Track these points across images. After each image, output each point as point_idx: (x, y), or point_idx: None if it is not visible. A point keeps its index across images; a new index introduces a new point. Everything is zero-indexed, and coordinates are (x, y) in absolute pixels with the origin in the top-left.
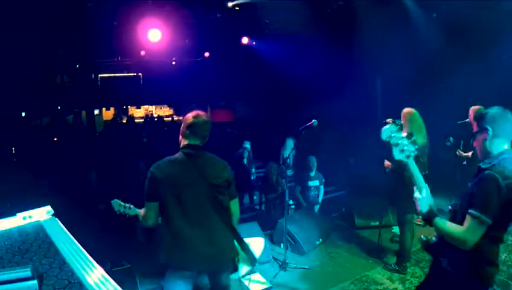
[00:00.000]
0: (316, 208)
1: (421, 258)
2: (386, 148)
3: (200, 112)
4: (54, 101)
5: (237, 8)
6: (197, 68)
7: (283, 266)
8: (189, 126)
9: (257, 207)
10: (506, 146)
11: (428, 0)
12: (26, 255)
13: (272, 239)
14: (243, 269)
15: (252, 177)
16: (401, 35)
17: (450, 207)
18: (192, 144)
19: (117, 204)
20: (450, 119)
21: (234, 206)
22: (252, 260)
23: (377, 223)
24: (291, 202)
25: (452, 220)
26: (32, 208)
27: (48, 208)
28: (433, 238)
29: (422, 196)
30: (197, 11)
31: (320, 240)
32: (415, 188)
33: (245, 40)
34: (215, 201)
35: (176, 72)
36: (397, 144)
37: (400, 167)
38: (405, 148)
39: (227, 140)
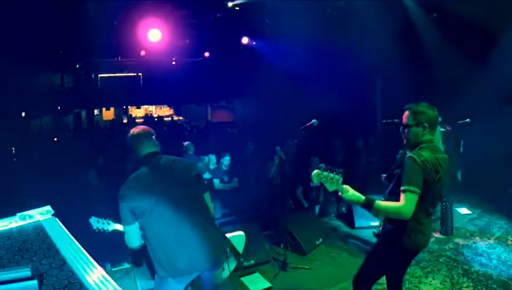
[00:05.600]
0: (317, 208)
1: (421, 258)
2: (386, 150)
3: (135, 128)
4: (54, 101)
5: (237, 8)
6: (197, 68)
7: (283, 266)
8: (133, 142)
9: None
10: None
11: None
12: (26, 255)
13: (272, 239)
14: (229, 264)
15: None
16: (401, 36)
17: (382, 198)
18: (148, 154)
19: (95, 221)
20: (450, 120)
21: (207, 199)
22: (235, 254)
23: (377, 223)
24: (290, 202)
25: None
26: (32, 208)
27: (48, 208)
28: (380, 229)
29: (346, 193)
30: (197, 11)
31: (320, 240)
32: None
33: (245, 40)
34: (193, 200)
35: (176, 72)
36: (327, 180)
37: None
38: (333, 180)
39: (227, 140)
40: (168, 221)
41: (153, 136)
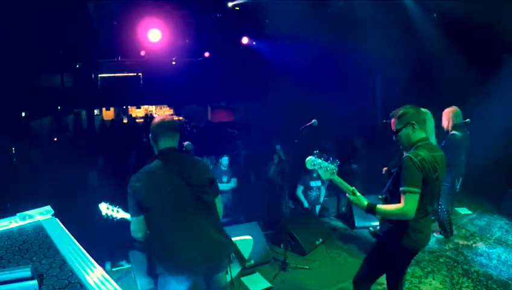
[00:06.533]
0: (317, 208)
1: (421, 258)
2: (386, 147)
3: (162, 115)
4: (54, 101)
5: (237, 8)
6: (197, 68)
7: (283, 266)
8: (157, 131)
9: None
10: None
11: (429, 0)
12: (26, 255)
13: (272, 239)
14: (233, 269)
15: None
16: (401, 36)
17: (380, 196)
18: (166, 148)
19: (104, 207)
20: None
21: (218, 203)
22: (241, 260)
23: (377, 223)
24: (290, 202)
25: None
26: (32, 208)
27: (48, 208)
28: (377, 228)
29: (355, 196)
30: (197, 11)
31: (320, 240)
32: (347, 195)
33: (245, 40)
34: (201, 202)
35: (176, 72)
36: (320, 167)
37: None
38: (328, 168)
39: (227, 140)
40: (171, 219)
41: (175, 130)
